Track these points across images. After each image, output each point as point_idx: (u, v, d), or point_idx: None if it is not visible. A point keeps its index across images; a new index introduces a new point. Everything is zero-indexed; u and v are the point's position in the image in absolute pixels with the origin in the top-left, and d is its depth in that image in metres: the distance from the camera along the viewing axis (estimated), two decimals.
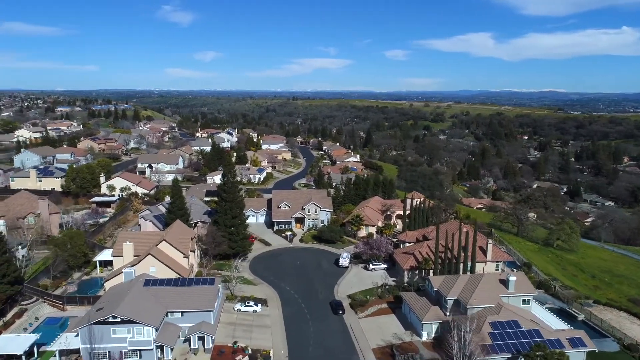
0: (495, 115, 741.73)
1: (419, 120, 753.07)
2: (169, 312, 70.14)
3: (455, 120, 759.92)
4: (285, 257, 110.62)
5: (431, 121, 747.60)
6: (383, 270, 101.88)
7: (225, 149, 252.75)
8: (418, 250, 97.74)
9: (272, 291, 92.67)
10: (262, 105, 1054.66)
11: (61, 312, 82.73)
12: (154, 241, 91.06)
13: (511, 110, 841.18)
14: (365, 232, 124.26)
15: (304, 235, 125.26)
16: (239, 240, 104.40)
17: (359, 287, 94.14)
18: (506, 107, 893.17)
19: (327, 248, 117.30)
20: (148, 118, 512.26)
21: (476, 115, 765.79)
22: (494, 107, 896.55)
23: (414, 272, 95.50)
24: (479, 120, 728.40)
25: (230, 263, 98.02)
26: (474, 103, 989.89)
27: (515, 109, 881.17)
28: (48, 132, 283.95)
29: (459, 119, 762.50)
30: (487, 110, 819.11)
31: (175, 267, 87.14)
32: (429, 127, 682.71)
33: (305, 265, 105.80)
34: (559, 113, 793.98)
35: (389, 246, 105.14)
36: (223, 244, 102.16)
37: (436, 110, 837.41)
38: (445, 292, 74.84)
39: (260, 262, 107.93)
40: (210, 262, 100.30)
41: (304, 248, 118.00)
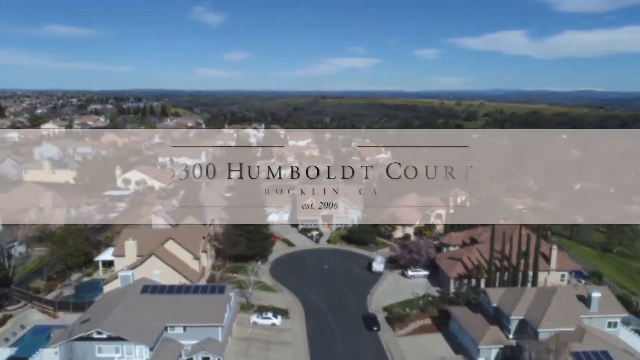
0: (531, 114, 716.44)
1: (451, 119, 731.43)
2: (168, 327, 57.81)
3: (488, 118, 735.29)
4: (310, 260, 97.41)
5: (463, 119, 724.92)
6: (424, 278, 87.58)
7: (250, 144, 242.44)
8: (467, 255, 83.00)
9: (295, 300, 79.59)
10: (290, 104, 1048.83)
11: (52, 320, 71.69)
12: (161, 239, 79.21)
13: (548, 109, 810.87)
14: (401, 233, 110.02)
15: (332, 236, 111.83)
16: (258, 240, 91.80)
17: (396, 297, 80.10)
18: (542, 106, 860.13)
19: (358, 250, 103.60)
20: (176, 115, 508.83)
21: (511, 113, 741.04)
22: (530, 105, 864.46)
23: (461, 282, 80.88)
24: (514, 118, 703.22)
25: (248, 266, 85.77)
26: (508, 101, 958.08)
27: (553, 107, 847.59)
28: (72, 126, 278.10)
29: (492, 117, 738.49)
30: (523, 109, 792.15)
31: (183, 270, 75.08)
32: (461, 126, 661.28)
33: (333, 269, 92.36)
34: (600, 111, 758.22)
35: (430, 250, 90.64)
36: (240, 244, 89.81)
37: (468, 109, 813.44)
38: (507, 309, 60.13)
39: (282, 265, 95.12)
40: (225, 264, 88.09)
41: (331, 250, 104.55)
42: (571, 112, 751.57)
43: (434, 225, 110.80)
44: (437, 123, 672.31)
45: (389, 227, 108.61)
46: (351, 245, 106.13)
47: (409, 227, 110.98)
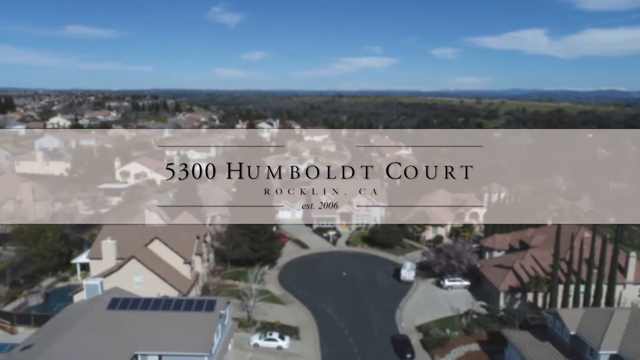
0: (555, 112, 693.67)
1: (471, 117, 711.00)
2: (139, 355, 43.51)
3: (510, 117, 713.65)
4: (326, 265, 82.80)
5: (484, 118, 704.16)
6: (464, 289, 72.27)
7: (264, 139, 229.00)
8: (519, 263, 67.43)
9: (307, 315, 65.03)
10: (306, 103, 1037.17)
11: (9, 337, 58.19)
12: (147, 239, 65.29)
13: (572, 107, 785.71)
14: (432, 234, 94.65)
15: (351, 237, 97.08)
16: (264, 241, 77.34)
17: (432, 314, 65.05)
18: (566, 104, 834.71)
19: (383, 254, 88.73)
20: (189, 110, 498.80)
21: (533, 112, 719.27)
22: (553, 103, 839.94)
23: (514, 296, 65.31)
24: (536, 117, 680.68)
25: (253, 270, 71.58)
26: (530, 100, 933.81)
27: (577, 105, 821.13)
28: (78, 120, 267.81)
29: (514, 115, 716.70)
30: (545, 107, 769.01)
31: (170, 278, 61.06)
32: (482, 125, 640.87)
33: (353, 277, 77.57)
34: (627, 110, 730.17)
35: (471, 255, 75.12)
36: (243, 245, 75.57)
37: (489, 107, 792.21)
38: (593, 340, 44.53)
39: (293, 270, 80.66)
40: (226, 269, 74.01)
41: (351, 253, 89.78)
42: (596, 110, 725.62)
43: (472, 225, 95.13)
44: (457, 121, 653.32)
45: (418, 227, 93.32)
46: (374, 248, 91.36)
47: (441, 228, 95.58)
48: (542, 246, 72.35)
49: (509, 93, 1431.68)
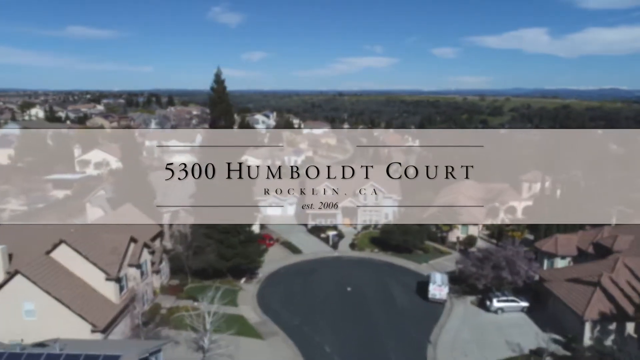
0: (561, 109, 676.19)
1: (474, 114, 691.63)
2: None
3: (515, 113, 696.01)
4: (324, 277, 60.95)
5: (488, 115, 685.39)
6: (521, 312, 50.35)
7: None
8: (608, 277, 45.43)
9: (295, 356, 43.00)
10: (307, 102, 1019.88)
11: None
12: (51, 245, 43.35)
13: (578, 104, 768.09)
14: (462, 235, 72.77)
15: (357, 238, 75.25)
16: (237, 244, 55.34)
17: (481, 352, 43.28)
18: (572, 100, 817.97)
19: (400, 261, 66.85)
20: (183, 104, 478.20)
21: (539, 108, 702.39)
22: (558, 100, 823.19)
23: (605, 327, 43.32)
24: (542, 113, 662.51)
25: (227, 283, 50.20)
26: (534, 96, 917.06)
27: (583, 102, 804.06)
28: (52, 109, 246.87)
29: (519, 112, 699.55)
30: (551, 104, 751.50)
31: (81, 304, 39.12)
32: (486, 121, 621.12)
33: (362, 294, 55.67)
34: (635, 106, 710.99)
35: (529, 264, 53.08)
36: (207, 251, 53.70)
37: (493, 104, 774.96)
38: None
39: (278, 285, 58.78)
40: (186, 282, 52.44)
41: (358, 260, 67.89)
42: (604, 106, 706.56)
43: (523, 225, 72.77)
44: (461, 118, 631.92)
45: (444, 226, 71.29)
46: (387, 253, 69.54)
47: (473, 227, 73.74)
48: (632, 251, 50.57)
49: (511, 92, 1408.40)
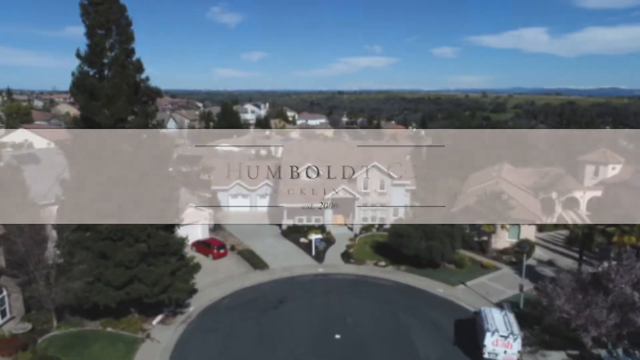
0: (566, 105, 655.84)
1: (477, 111, 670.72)
2: None
3: (519, 110, 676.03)
4: (298, 313, 37.55)
5: (491, 111, 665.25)
6: None
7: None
8: None
9: None
10: (306, 100, 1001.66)
11: None
12: None
13: (583, 100, 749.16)
14: (511, 239, 48.89)
15: (354, 244, 51.48)
16: (137, 259, 31.49)
17: None
18: (577, 97, 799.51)
19: (421, 282, 43.48)
20: (172, 96, 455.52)
21: (543, 104, 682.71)
22: (563, 96, 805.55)
23: None
24: (547, 109, 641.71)
25: (126, 326, 27.13)
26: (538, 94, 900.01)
27: (589, 98, 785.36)
28: (10, 95, 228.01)
29: (523, 109, 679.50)
30: (556, 100, 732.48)
31: None
32: (489, 118, 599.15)
33: (361, 348, 31.81)
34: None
35: None
36: (76, 272, 30.16)
37: (496, 101, 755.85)
38: None
39: (216, 329, 35.22)
40: (50, 325, 29.30)
41: (354, 280, 44.32)
42: (611, 102, 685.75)
43: (623, 225, 48.58)
44: (463, 115, 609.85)
45: (487, 227, 47.38)
46: (400, 268, 45.81)
47: (527, 227, 49.93)
48: None
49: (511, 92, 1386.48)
